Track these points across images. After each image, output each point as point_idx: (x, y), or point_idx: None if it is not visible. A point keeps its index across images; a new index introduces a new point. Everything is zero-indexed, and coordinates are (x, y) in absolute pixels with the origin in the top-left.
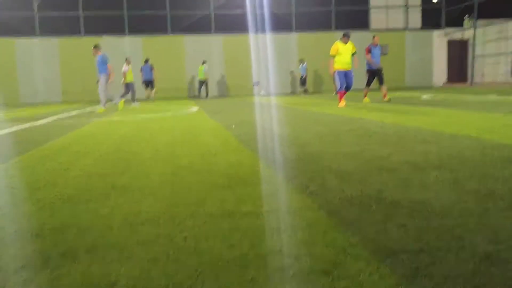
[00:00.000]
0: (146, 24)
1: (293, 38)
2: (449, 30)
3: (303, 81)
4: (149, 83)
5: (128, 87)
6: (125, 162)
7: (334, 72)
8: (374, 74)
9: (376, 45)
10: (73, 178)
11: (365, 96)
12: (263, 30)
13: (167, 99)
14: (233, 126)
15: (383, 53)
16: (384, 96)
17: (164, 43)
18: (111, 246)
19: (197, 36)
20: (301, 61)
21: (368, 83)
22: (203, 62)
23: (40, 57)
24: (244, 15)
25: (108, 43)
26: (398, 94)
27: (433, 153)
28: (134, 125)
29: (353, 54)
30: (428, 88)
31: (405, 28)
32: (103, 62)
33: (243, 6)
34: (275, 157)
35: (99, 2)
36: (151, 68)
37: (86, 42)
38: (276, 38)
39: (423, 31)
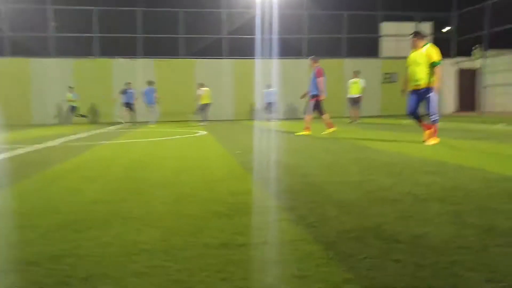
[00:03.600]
0: (159, 46)
1: (303, 63)
2: (459, 59)
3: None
4: (128, 106)
5: (203, 108)
6: (130, 189)
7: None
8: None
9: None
10: (77, 204)
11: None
12: (273, 55)
13: (176, 122)
14: (238, 152)
15: (392, 81)
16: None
17: (175, 66)
18: (106, 277)
19: (207, 60)
20: (268, 86)
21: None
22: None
23: (54, 77)
24: (255, 41)
25: (121, 64)
26: (405, 121)
27: (437, 184)
28: (142, 149)
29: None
30: None
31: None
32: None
33: (254, 32)
34: (277, 186)
35: (113, 24)
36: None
37: (100, 63)
38: (286, 63)
39: None
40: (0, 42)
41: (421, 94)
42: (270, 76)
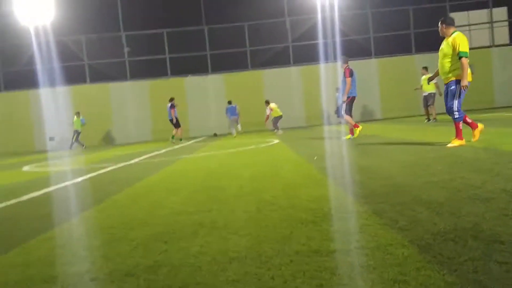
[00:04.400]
0: (227, 61)
1: (373, 63)
2: None
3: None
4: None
5: (276, 121)
6: (212, 199)
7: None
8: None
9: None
10: (164, 217)
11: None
12: (339, 58)
13: (249, 133)
14: (315, 158)
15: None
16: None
17: (244, 78)
18: (201, 285)
19: (275, 69)
20: (337, 89)
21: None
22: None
23: (132, 99)
24: (320, 45)
25: (192, 82)
26: (488, 115)
27: None
28: (219, 160)
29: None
30: None
31: (491, 45)
32: None
33: (318, 36)
34: (360, 190)
35: (183, 44)
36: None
37: (173, 82)
38: (356, 65)
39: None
40: (81, 70)
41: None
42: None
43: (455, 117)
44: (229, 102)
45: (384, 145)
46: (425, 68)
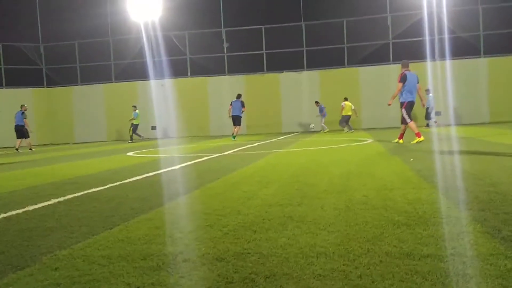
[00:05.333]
0: (323, 58)
1: (482, 63)
2: None
3: (427, 114)
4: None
5: (345, 120)
6: (302, 193)
7: None
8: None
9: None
10: (255, 207)
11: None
12: (444, 56)
13: (341, 131)
14: (411, 159)
15: None
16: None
17: (339, 75)
18: (288, 276)
19: (371, 67)
20: (427, 91)
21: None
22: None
23: (228, 92)
24: (423, 42)
25: (288, 78)
26: None
27: None
28: (310, 156)
29: None
30: None
31: None
32: None
33: (421, 33)
34: (461, 195)
35: (281, 40)
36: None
37: (268, 78)
38: (462, 64)
39: None
40: (183, 64)
41: None
42: (444, 78)
43: None
44: (316, 103)
45: (491, 149)
46: None
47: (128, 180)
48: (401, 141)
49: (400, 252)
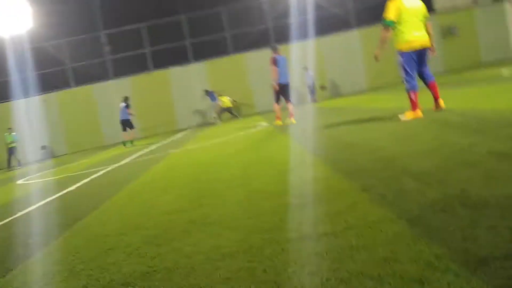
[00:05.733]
0: (209, 49)
1: (355, 35)
2: None
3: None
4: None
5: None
6: (203, 193)
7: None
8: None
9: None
10: (157, 217)
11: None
12: (323, 33)
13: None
14: (303, 137)
15: (453, 34)
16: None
17: (226, 64)
18: (196, 287)
19: (257, 52)
20: (305, 68)
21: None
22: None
23: (117, 97)
24: (302, 22)
25: (176, 73)
26: (476, 74)
27: None
28: (210, 151)
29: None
30: (508, 61)
31: (474, 4)
32: None
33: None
34: (349, 167)
35: (164, 37)
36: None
37: (156, 76)
38: (337, 39)
39: (494, 5)
40: (64, 74)
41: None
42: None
43: (405, 87)
44: (206, 91)
45: (370, 115)
46: None
47: (19, 214)
48: (293, 120)
49: (299, 236)
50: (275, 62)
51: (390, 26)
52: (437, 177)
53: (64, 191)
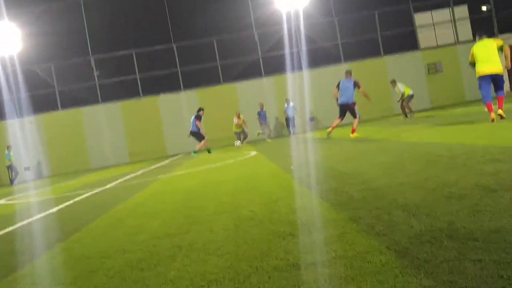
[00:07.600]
0: (200, 77)
1: (343, 69)
2: (505, 36)
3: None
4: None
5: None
6: (190, 219)
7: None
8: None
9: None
10: (142, 242)
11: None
12: (313, 66)
13: (227, 146)
14: (292, 167)
15: (438, 71)
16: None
17: (218, 93)
18: None
19: (248, 82)
20: (287, 101)
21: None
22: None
23: (105, 122)
24: (293, 54)
25: (166, 100)
26: (460, 110)
27: (504, 172)
28: (198, 178)
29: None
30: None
31: (456, 42)
32: None
33: (289, 45)
34: (338, 197)
35: (154, 63)
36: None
37: (146, 102)
38: (327, 72)
39: (473, 43)
40: (53, 97)
41: None
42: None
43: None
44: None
45: (360, 147)
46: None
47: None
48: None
49: (287, 264)
50: (337, 85)
51: None
52: (425, 210)
53: (46, 212)
